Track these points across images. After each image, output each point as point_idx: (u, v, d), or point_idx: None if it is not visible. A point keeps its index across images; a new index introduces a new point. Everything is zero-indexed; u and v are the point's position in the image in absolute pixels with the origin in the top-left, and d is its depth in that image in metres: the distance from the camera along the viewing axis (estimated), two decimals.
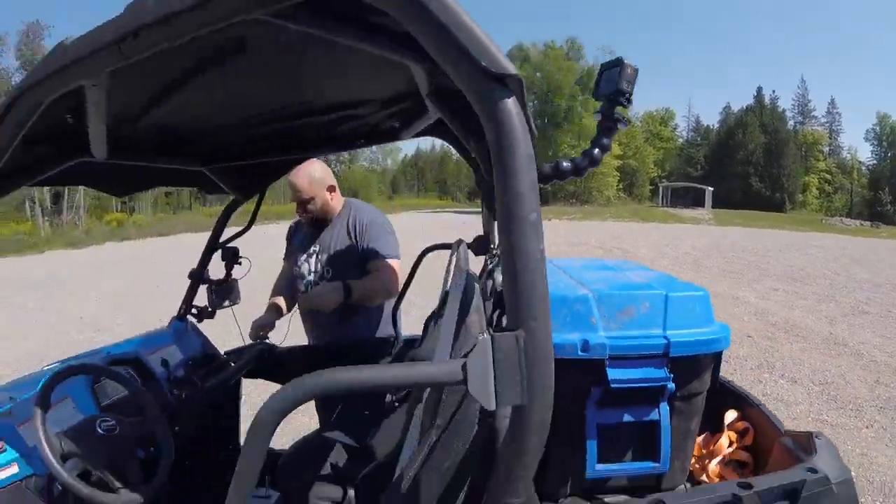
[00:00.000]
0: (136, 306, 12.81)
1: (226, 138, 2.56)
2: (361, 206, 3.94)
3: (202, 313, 3.58)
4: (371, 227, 3.70)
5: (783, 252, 22.89)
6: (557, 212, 51.02)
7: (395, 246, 3.74)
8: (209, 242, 3.53)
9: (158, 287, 15.45)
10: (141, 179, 2.80)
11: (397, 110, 2.58)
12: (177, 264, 19.90)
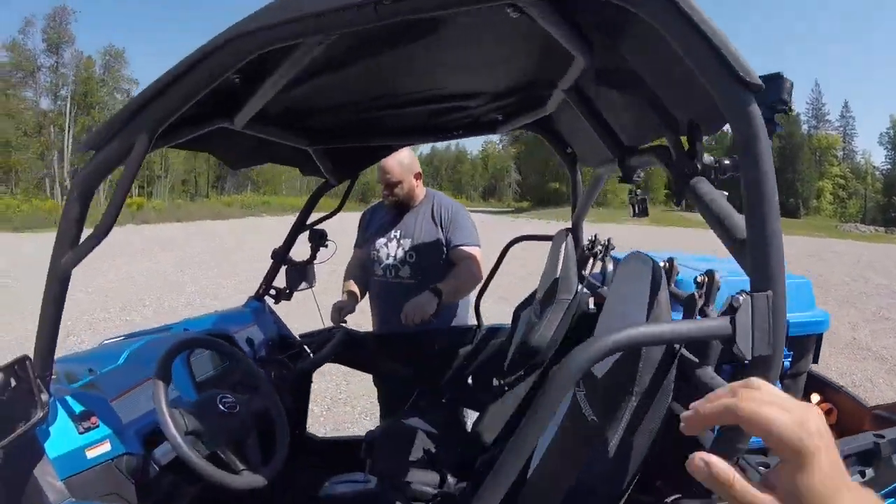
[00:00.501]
0: (161, 288, 13.14)
1: (336, 120, 2.64)
2: (443, 195, 4.05)
3: (280, 294, 3.51)
4: (456, 216, 3.79)
5: (801, 259, 22.77)
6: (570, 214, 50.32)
7: (476, 234, 3.82)
8: (296, 223, 3.48)
9: (181, 272, 15.62)
10: (255, 154, 2.82)
11: (504, 104, 2.67)
12: (199, 250, 20.28)
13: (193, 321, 3.14)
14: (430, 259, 3.73)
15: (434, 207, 3.83)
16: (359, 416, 6.17)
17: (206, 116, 1.86)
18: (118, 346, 2.61)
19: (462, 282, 3.64)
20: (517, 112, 2.78)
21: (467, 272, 3.65)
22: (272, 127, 2.41)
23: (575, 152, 3.16)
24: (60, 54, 55.71)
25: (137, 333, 3.05)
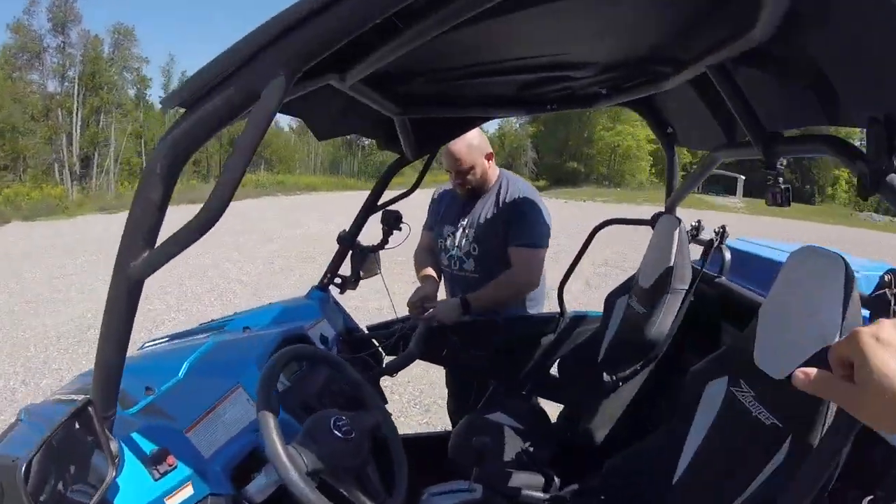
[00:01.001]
0: (183, 275, 12.46)
1: (427, 87, 2.42)
2: (515, 179, 3.62)
3: (346, 283, 3.24)
4: (520, 207, 3.41)
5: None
6: (591, 193, 51.23)
7: (541, 232, 3.41)
8: (367, 204, 3.20)
9: (201, 255, 14.94)
10: (342, 123, 2.65)
11: (613, 77, 2.44)
12: (216, 232, 19.98)
13: (251, 315, 2.86)
14: (493, 253, 3.45)
15: (501, 194, 3.49)
16: (407, 405, 5.94)
17: (320, 68, 1.52)
18: (168, 354, 2.36)
19: (503, 290, 3.36)
20: (626, 87, 2.54)
21: (513, 279, 3.36)
22: (369, 89, 2.18)
23: (675, 132, 2.96)
24: (67, 34, 54.32)
25: (183, 334, 2.77)
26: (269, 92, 1.11)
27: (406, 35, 1.40)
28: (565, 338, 3.43)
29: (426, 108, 2.59)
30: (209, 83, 1.14)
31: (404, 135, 2.75)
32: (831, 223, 39.04)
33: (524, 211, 3.40)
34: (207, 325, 2.84)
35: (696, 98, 2.41)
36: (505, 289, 3.34)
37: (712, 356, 2.03)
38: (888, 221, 49.67)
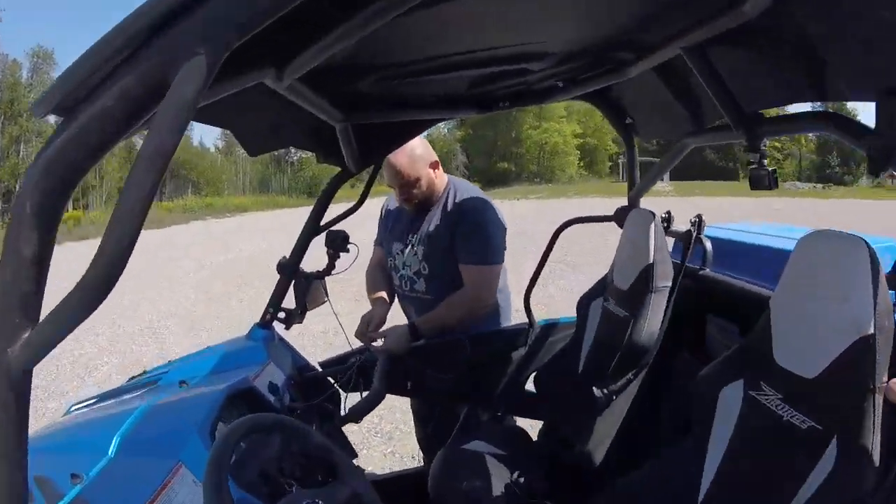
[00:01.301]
0: (114, 312, 11.47)
1: (371, 88, 2.17)
2: (463, 187, 3.26)
3: (291, 317, 2.91)
4: (470, 219, 3.07)
5: (750, 216, 23.05)
6: (524, 191, 51.33)
7: (493, 247, 3.08)
8: (308, 226, 2.86)
9: (131, 290, 14.09)
10: (276, 135, 2.39)
11: (567, 69, 2.25)
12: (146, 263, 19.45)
13: (188, 365, 2.55)
14: (444, 272, 3.13)
15: (449, 205, 3.14)
16: (367, 434, 5.55)
17: (255, 61, 1.26)
18: (96, 425, 1.95)
19: (455, 311, 3.05)
20: (584, 78, 2.36)
21: (465, 299, 3.05)
22: (309, 91, 1.92)
23: (634, 123, 2.81)
24: None
25: (113, 393, 2.42)
26: (183, 78, 0.69)
27: (350, 23, 1.19)
28: (538, 349, 3.24)
29: (372, 113, 2.36)
30: (94, 76, 0.71)
31: (346, 145, 2.50)
32: (759, 197, 39.98)
33: (474, 223, 3.07)
34: (139, 381, 2.52)
35: (658, 85, 2.28)
36: (456, 309, 3.05)
37: (721, 359, 1.84)
38: (811, 188, 51.82)
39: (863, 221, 21.11)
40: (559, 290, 10.65)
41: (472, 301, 3.07)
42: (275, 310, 2.85)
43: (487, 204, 3.17)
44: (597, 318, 2.79)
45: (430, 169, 3.13)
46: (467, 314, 3.09)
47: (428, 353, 3.03)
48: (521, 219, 24.16)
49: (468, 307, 3.08)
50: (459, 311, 3.06)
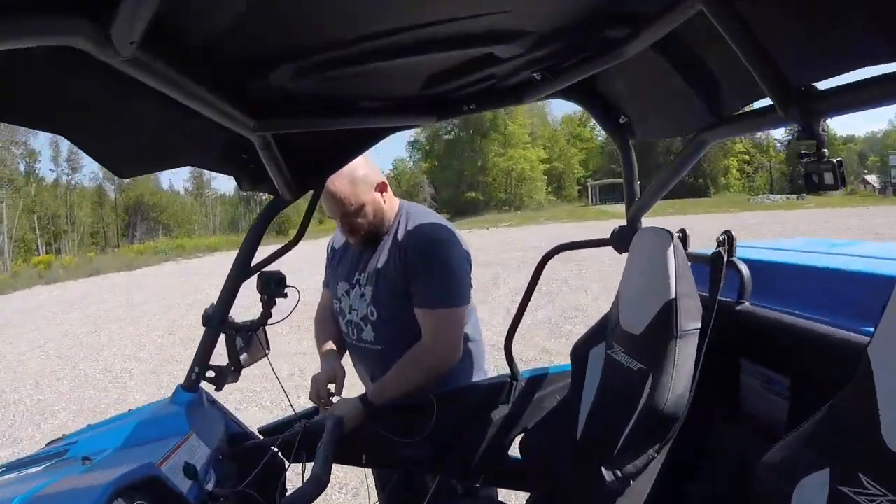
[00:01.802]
0: (77, 357, 11.72)
1: (293, 84, 1.63)
2: (417, 212, 2.71)
3: (222, 376, 2.38)
4: (426, 251, 2.51)
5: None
6: (493, 220, 51.56)
7: (457, 283, 2.52)
8: (235, 268, 2.31)
9: (97, 332, 14.43)
10: (159, 150, 1.74)
11: (545, 55, 1.75)
12: (114, 304, 19.31)
13: (99, 435, 2.14)
14: (395, 317, 2.58)
15: (399, 234, 2.60)
16: (330, 490, 4.89)
17: None
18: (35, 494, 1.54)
19: (413, 374, 2.47)
20: (567, 67, 1.83)
21: (424, 355, 2.48)
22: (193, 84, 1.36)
23: (630, 121, 2.27)
24: None
25: (18, 464, 2.05)
26: None
27: None
28: (523, 407, 2.68)
29: (295, 120, 1.83)
30: None
31: (273, 166, 1.99)
32: (732, 211, 40.06)
33: (431, 256, 2.51)
34: (50, 450, 2.10)
35: (661, 67, 1.78)
36: (414, 370, 2.47)
37: (796, 436, 1.36)
38: (783, 200, 52.37)
39: None
40: (535, 322, 10.10)
41: (434, 356, 2.49)
42: (201, 368, 2.30)
43: (447, 231, 2.61)
44: (598, 369, 2.20)
45: (377, 192, 2.60)
46: (429, 375, 2.49)
47: (388, 416, 2.49)
48: (489, 248, 23.98)
49: (429, 366, 2.49)
50: (418, 373, 2.47)
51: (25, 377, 10.49)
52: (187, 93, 1.34)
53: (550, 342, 8.70)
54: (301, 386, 7.69)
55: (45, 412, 8.34)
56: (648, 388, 1.77)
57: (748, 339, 2.02)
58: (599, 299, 11.32)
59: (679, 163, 2.07)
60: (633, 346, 1.97)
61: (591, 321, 2.41)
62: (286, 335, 10.25)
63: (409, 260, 2.51)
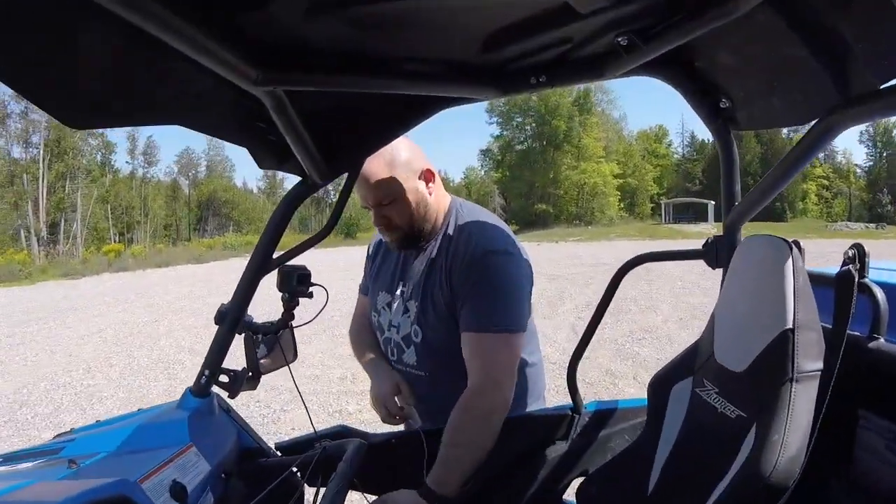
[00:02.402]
0: (133, 344, 11.83)
1: (307, 32, 1.30)
2: (470, 213, 2.23)
3: (237, 381, 2.04)
4: (473, 265, 2.02)
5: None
6: (563, 234, 51.29)
7: (509, 307, 2.00)
8: (255, 260, 1.99)
9: (156, 322, 14.56)
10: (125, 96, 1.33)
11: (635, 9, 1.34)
12: (177, 296, 19.58)
13: (94, 436, 1.87)
14: (443, 342, 2.12)
15: (448, 240, 2.14)
16: None
17: None
18: None
19: (470, 437, 1.91)
20: (662, 30, 1.39)
21: (475, 401, 1.93)
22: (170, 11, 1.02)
23: (733, 106, 1.81)
24: None
25: (14, 456, 1.84)
26: None
27: None
28: (585, 446, 2.25)
29: (313, 75, 1.42)
30: None
31: (294, 138, 1.63)
32: (809, 237, 38.81)
33: (482, 270, 2.01)
34: (48, 445, 1.93)
35: (776, 34, 1.35)
36: (471, 430, 1.92)
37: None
38: (862, 228, 50.75)
39: None
40: (601, 341, 9.51)
41: (487, 400, 1.94)
42: (212, 372, 1.98)
43: (504, 239, 2.14)
44: (682, 409, 1.78)
45: (421, 181, 2.15)
46: (490, 427, 1.93)
47: (422, 449, 2.09)
48: (557, 262, 23.58)
49: (484, 414, 1.93)
50: (476, 431, 1.92)
51: (79, 361, 10.55)
52: (159, 20, 0.99)
53: (615, 364, 8.21)
54: (351, 391, 7.72)
55: (93, 398, 8.29)
56: (750, 443, 1.37)
57: (876, 385, 1.57)
58: (670, 321, 10.81)
59: (796, 157, 1.60)
60: (730, 387, 1.56)
61: (660, 344, 2.04)
62: (343, 337, 10.08)
63: (455, 274, 2.06)
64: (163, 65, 1.22)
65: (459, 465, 1.89)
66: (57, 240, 54.72)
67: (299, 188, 1.96)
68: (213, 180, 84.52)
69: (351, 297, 2.12)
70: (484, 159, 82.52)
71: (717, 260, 1.94)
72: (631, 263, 2.12)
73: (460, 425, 1.91)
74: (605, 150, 71.73)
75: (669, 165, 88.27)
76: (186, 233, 77.98)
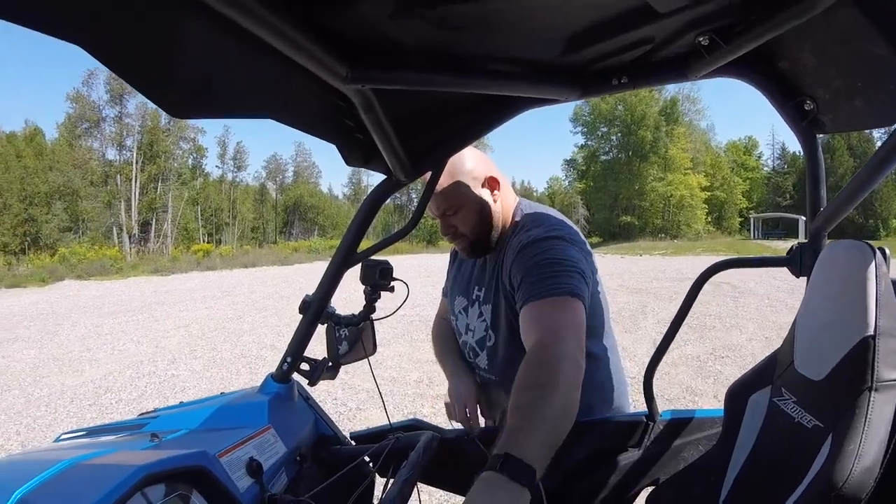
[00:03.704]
0: (217, 339, 12.25)
1: (394, 32, 1.33)
2: (529, 206, 2.22)
3: (317, 370, 2.12)
4: (526, 249, 1.93)
5: None
6: (647, 247, 50.48)
7: (563, 276, 1.80)
8: (339, 253, 2.06)
9: (240, 319, 14.99)
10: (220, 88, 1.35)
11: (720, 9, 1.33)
12: (262, 295, 20.06)
13: (178, 414, 2.00)
14: (508, 346, 2.09)
15: (513, 240, 2.05)
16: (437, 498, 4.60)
17: None
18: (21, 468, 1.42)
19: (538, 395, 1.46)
20: (745, 28, 1.37)
21: (539, 359, 1.60)
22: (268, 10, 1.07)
23: (817, 106, 1.75)
24: (124, 105, 57.66)
25: (102, 429, 1.99)
26: None
27: None
28: (659, 454, 2.19)
29: (400, 73, 1.43)
30: None
31: (381, 136, 1.67)
32: None
33: (536, 251, 1.90)
34: (134, 420, 2.04)
35: (865, 30, 1.30)
36: (541, 373, 1.55)
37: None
38: None
39: None
40: (682, 358, 9.37)
41: (555, 352, 1.60)
42: (294, 359, 2.11)
43: (559, 224, 2.05)
44: (758, 419, 1.75)
45: (485, 189, 2.13)
46: (562, 387, 1.50)
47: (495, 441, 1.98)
48: (641, 275, 23.22)
49: (553, 369, 1.54)
50: (548, 372, 1.54)
51: (164, 352, 10.93)
52: (254, 16, 1.04)
53: (696, 381, 8.00)
54: (426, 394, 7.76)
55: (176, 387, 8.61)
56: (825, 453, 1.35)
57: None
58: (755, 340, 10.47)
59: (880, 159, 1.53)
60: (809, 396, 1.53)
61: (744, 363, 2.00)
62: (422, 342, 10.21)
63: (512, 267, 1.98)
64: (258, 60, 1.26)
65: (534, 416, 1.43)
66: (148, 238, 56.81)
67: (384, 186, 2.01)
68: (300, 185, 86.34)
69: (430, 303, 2.15)
70: (568, 169, 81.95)
71: (802, 268, 1.87)
72: (713, 269, 2.02)
73: (527, 368, 1.59)
74: (692, 162, 70.01)
75: (759, 178, 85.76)
76: (273, 235, 79.75)
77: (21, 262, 37.46)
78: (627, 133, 69.51)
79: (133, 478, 1.24)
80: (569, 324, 1.71)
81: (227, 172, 78.22)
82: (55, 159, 54.94)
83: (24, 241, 49.64)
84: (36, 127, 62.22)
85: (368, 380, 7.72)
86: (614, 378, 2.22)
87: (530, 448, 1.32)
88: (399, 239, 2.11)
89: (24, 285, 27.32)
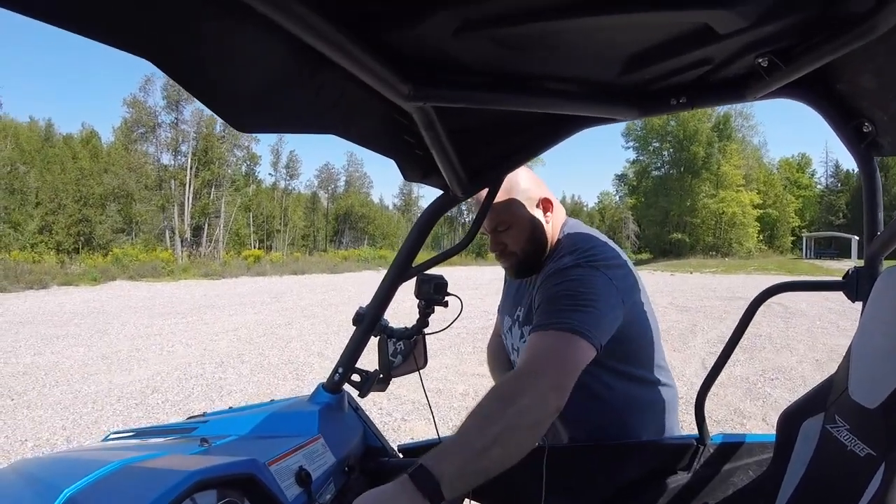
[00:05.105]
0: (265, 344, 12.41)
1: (455, 51, 1.33)
2: (572, 227, 2.17)
3: (368, 382, 2.13)
4: (554, 276, 1.89)
5: None
6: (698, 264, 49.81)
7: (581, 311, 1.72)
8: (395, 267, 2.06)
9: (289, 325, 15.14)
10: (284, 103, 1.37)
11: (775, 30, 1.32)
12: (311, 302, 20.24)
13: (227, 419, 2.01)
14: None
15: (547, 263, 2.06)
16: None
17: None
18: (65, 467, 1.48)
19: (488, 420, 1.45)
20: (804, 50, 1.37)
21: (502, 388, 1.56)
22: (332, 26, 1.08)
23: (877, 129, 1.73)
24: (180, 111, 58.90)
25: (151, 430, 2.06)
26: None
27: None
28: (708, 478, 2.15)
29: (461, 92, 1.45)
30: None
31: (440, 152, 1.68)
32: None
33: (563, 279, 1.86)
34: (183, 423, 2.08)
35: None
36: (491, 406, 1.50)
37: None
38: None
39: None
40: (731, 379, 9.20)
41: (516, 383, 1.56)
42: (345, 370, 2.12)
43: (597, 249, 1.97)
44: (811, 446, 1.70)
45: (538, 210, 2.12)
46: (513, 409, 1.47)
47: (541, 465, 2.02)
48: (691, 293, 22.96)
49: (508, 394, 1.52)
50: (498, 406, 1.49)
51: (213, 355, 11.09)
52: (319, 34, 1.07)
53: (745, 403, 7.84)
54: (471, 408, 7.54)
55: (223, 390, 8.71)
56: (877, 482, 1.32)
57: None
58: (805, 362, 10.25)
59: None
60: (862, 424, 1.49)
61: (793, 385, 1.96)
62: (469, 355, 10.22)
63: (537, 290, 1.96)
64: (322, 77, 1.29)
65: (466, 438, 1.45)
66: (200, 242, 57.91)
67: (440, 201, 2.03)
68: (351, 195, 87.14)
69: (479, 316, 2.16)
70: (619, 184, 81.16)
71: (858, 292, 1.84)
72: (768, 292, 2.00)
73: (488, 394, 1.54)
74: (744, 179, 69.08)
75: (812, 197, 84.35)
76: (323, 244, 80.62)
77: (74, 261, 38.49)
78: (679, 149, 69.00)
79: (184, 483, 1.26)
80: (556, 360, 1.65)
81: (280, 180, 79.68)
82: (110, 162, 56.54)
83: (77, 241, 51.23)
84: (92, 130, 64.55)
85: (414, 391, 7.78)
86: (665, 399, 2.19)
87: (446, 463, 1.39)
88: (455, 254, 2.11)
89: (76, 284, 28.04)
